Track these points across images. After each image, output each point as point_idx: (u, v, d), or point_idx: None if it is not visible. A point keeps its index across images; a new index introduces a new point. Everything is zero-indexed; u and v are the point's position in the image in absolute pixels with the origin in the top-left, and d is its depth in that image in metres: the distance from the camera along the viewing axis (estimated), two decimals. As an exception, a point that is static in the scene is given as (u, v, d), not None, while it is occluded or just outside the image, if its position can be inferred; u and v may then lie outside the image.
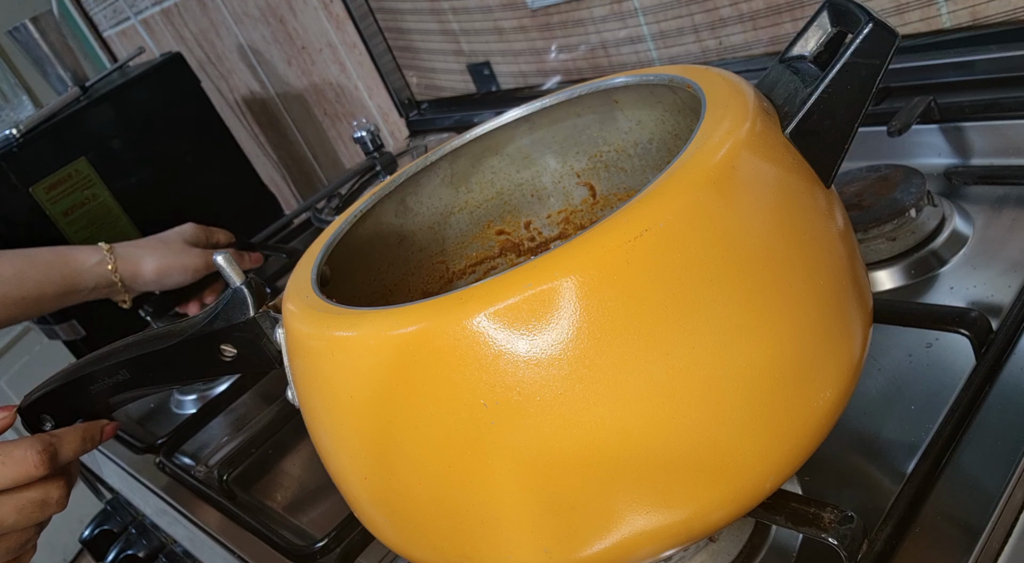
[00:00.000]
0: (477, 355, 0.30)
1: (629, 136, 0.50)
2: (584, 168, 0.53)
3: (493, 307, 0.30)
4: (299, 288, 0.40)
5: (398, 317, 0.32)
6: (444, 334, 0.31)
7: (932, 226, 0.55)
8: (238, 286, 0.42)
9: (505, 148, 0.52)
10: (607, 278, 0.29)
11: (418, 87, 1.14)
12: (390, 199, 0.50)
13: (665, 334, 0.30)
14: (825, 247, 0.34)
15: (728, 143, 0.32)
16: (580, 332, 0.29)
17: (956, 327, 0.43)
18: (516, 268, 0.30)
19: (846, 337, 0.34)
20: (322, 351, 0.35)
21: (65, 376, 0.49)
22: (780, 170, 0.34)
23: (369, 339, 0.32)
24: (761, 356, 0.31)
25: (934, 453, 0.38)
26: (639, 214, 0.30)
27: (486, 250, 0.55)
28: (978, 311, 0.43)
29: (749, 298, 0.31)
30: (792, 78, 0.37)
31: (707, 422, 0.30)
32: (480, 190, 0.54)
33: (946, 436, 0.39)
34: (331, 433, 0.36)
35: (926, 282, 0.52)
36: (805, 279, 0.33)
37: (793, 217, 0.33)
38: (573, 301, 0.29)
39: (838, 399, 0.34)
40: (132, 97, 1.18)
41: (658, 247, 0.30)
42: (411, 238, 0.52)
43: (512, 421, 0.30)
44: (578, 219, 0.55)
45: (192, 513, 0.60)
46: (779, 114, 0.36)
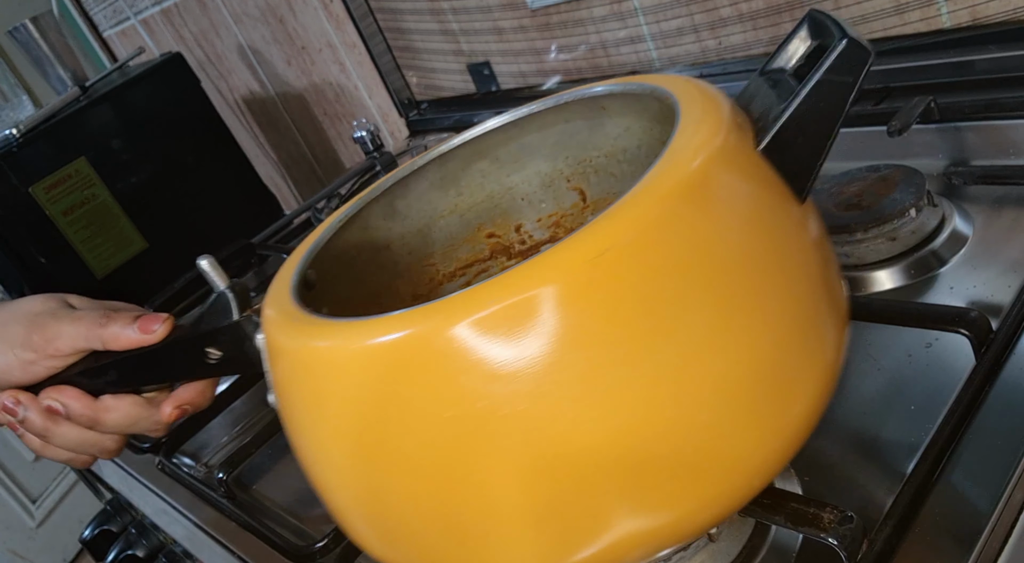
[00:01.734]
0: (442, 368, 0.30)
1: (618, 142, 0.50)
2: (574, 172, 0.53)
3: (461, 321, 0.30)
4: (278, 294, 0.40)
5: (371, 328, 0.32)
6: (411, 346, 0.30)
7: (932, 226, 0.55)
8: (222, 290, 0.42)
9: (495, 152, 0.52)
10: (572, 294, 0.29)
11: (418, 87, 1.14)
12: (378, 203, 0.50)
13: (633, 348, 0.30)
14: (797, 258, 0.34)
15: (698, 158, 0.32)
16: (546, 346, 0.29)
17: (956, 327, 0.43)
18: (488, 280, 0.30)
19: (821, 342, 0.34)
20: (298, 360, 0.35)
21: (56, 377, 0.49)
22: (752, 185, 0.33)
23: (344, 350, 0.32)
24: (736, 364, 0.31)
25: (934, 453, 0.38)
26: (606, 229, 0.30)
27: (476, 253, 0.55)
28: (978, 311, 0.43)
29: (719, 311, 0.31)
30: (770, 91, 0.37)
31: (686, 426, 0.30)
32: (470, 193, 0.54)
33: (946, 436, 0.39)
34: (310, 442, 0.36)
35: (926, 282, 0.52)
36: (777, 291, 0.32)
37: (765, 231, 0.33)
38: (543, 314, 0.29)
39: (817, 399, 0.34)
40: (132, 97, 1.19)
41: (625, 263, 0.30)
42: (399, 241, 0.52)
43: (480, 433, 0.30)
44: (568, 223, 0.55)
45: (192, 513, 0.60)
46: (754, 129, 0.36)
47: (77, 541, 1.98)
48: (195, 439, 0.71)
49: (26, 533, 1.99)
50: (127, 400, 0.48)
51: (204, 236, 1.22)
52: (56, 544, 2.03)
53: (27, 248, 1.08)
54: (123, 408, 0.48)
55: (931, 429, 0.41)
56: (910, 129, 0.59)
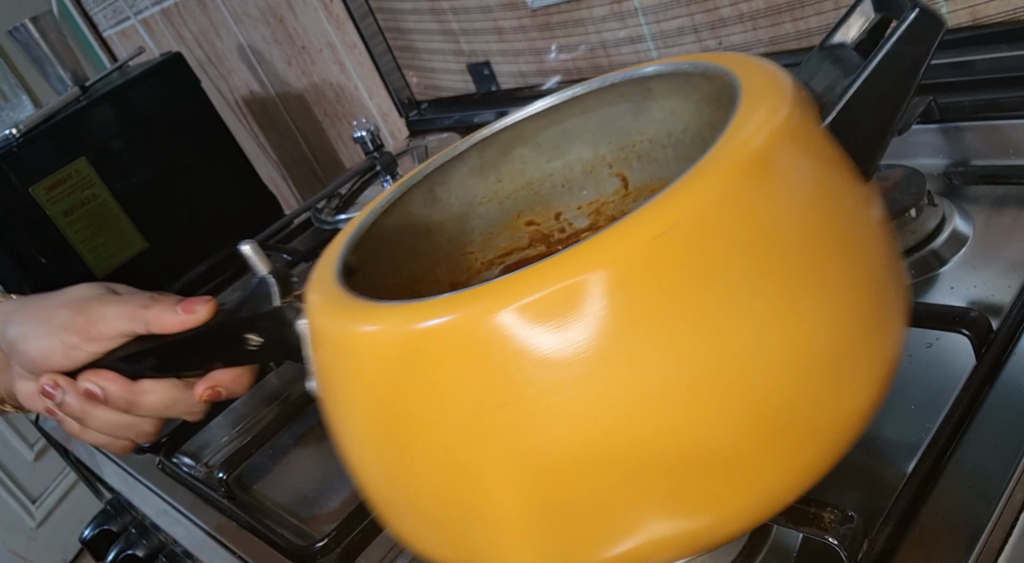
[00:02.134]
0: (489, 353, 0.30)
1: (663, 126, 0.49)
2: (616, 158, 0.52)
3: (511, 305, 0.29)
4: (322, 279, 0.40)
5: (418, 312, 0.31)
6: (462, 330, 0.30)
7: (932, 226, 0.55)
8: (264, 275, 0.43)
9: (535, 137, 0.52)
10: (631, 275, 0.29)
11: (418, 87, 1.14)
12: (418, 189, 0.49)
13: (690, 335, 0.29)
14: (863, 243, 0.33)
15: (763, 134, 0.32)
16: (596, 333, 0.29)
17: (956, 327, 0.43)
18: (537, 264, 0.30)
19: (882, 336, 0.33)
20: (344, 344, 0.35)
21: (96, 363, 0.49)
22: (817, 162, 0.33)
23: (390, 334, 0.32)
24: (793, 357, 0.30)
25: (934, 453, 0.38)
26: (666, 209, 0.29)
27: (515, 241, 0.55)
28: (978, 311, 0.43)
29: (781, 296, 0.30)
30: (832, 67, 0.36)
31: (732, 426, 0.30)
32: (510, 180, 0.53)
33: (946, 436, 0.39)
34: (349, 426, 0.36)
35: (926, 282, 0.52)
36: (841, 276, 0.32)
37: (830, 212, 0.32)
38: (594, 299, 0.29)
39: (873, 402, 0.33)
40: (132, 97, 1.19)
41: (685, 244, 0.29)
42: (439, 228, 0.52)
43: (522, 422, 0.30)
44: (609, 210, 0.54)
45: (192, 513, 0.60)
46: (818, 104, 0.35)
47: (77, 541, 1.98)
48: (195, 439, 0.71)
49: (26, 533, 1.98)
50: (164, 383, 0.48)
51: (204, 236, 1.22)
52: (56, 544, 2.03)
53: (27, 248, 1.08)
54: (160, 391, 0.48)
55: (931, 429, 0.41)
56: (910, 129, 0.59)
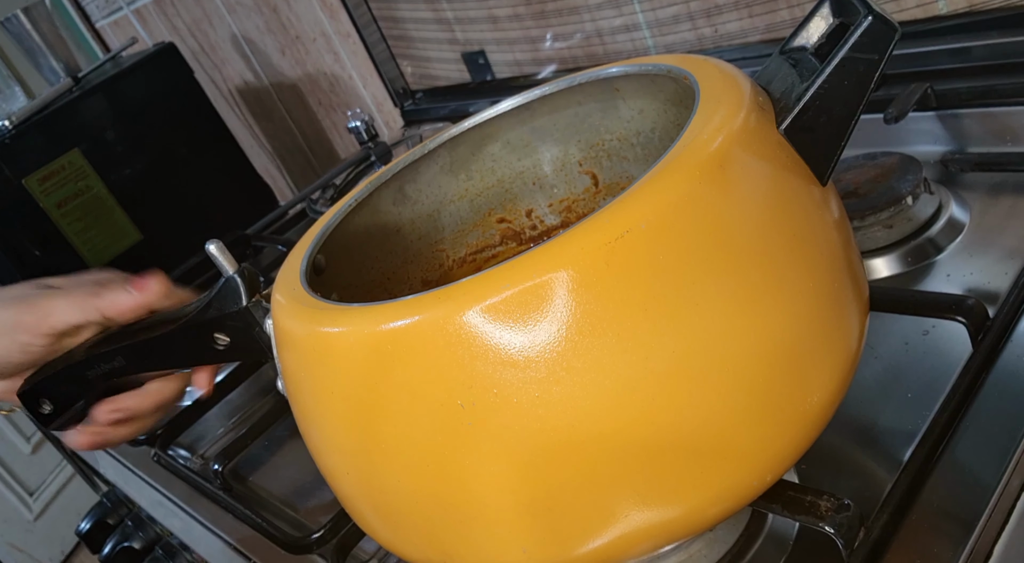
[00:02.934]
0: (453, 354, 0.30)
1: (631, 125, 0.50)
2: (586, 156, 0.53)
3: (477, 305, 0.29)
4: (288, 280, 0.40)
5: (383, 313, 0.32)
6: (422, 332, 0.30)
7: (929, 213, 0.54)
8: (231, 275, 0.43)
9: (505, 136, 0.52)
10: (589, 278, 0.29)
11: (413, 76, 1.14)
12: (387, 187, 0.50)
13: (653, 332, 0.29)
14: (819, 243, 0.34)
15: (718, 138, 0.32)
16: (560, 332, 0.29)
17: (952, 314, 0.43)
18: (501, 264, 0.30)
19: (843, 329, 0.34)
20: (308, 346, 0.35)
21: (62, 361, 0.49)
22: (773, 167, 0.33)
23: (355, 335, 0.32)
24: (755, 350, 0.31)
25: (930, 441, 0.38)
26: (626, 211, 0.30)
27: (487, 238, 0.55)
28: (975, 298, 0.42)
29: (739, 293, 0.31)
30: (790, 71, 0.36)
31: (702, 414, 0.30)
32: (480, 178, 0.54)
33: (942, 424, 0.39)
34: (318, 428, 0.36)
35: (923, 270, 0.52)
36: (798, 274, 0.32)
37: (786, 214, 0.33)
38: (558, 299, 0.29)
39: (836, 389, 0.33)
40: (125, 88, 1.18)
41: (640, 247, 0.29)
42: (409, 226, 0.52)
43: (489, 421, 0.30)
44: (580, 207, 0.54)
45: (188, 505, 0.60)
46: (775, 108, 0.35)
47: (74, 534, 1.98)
48: (191, 431, 0.71)
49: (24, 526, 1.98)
50: (167, 380, 0.51)
51: (199, 227, 1.21)
52: (54, 536, 2.03)
53: (21, 241, 1.07)
54: (166, 387, 0.51)
55: (928, 416, 0.41)
56: (907, 116, 0.59)
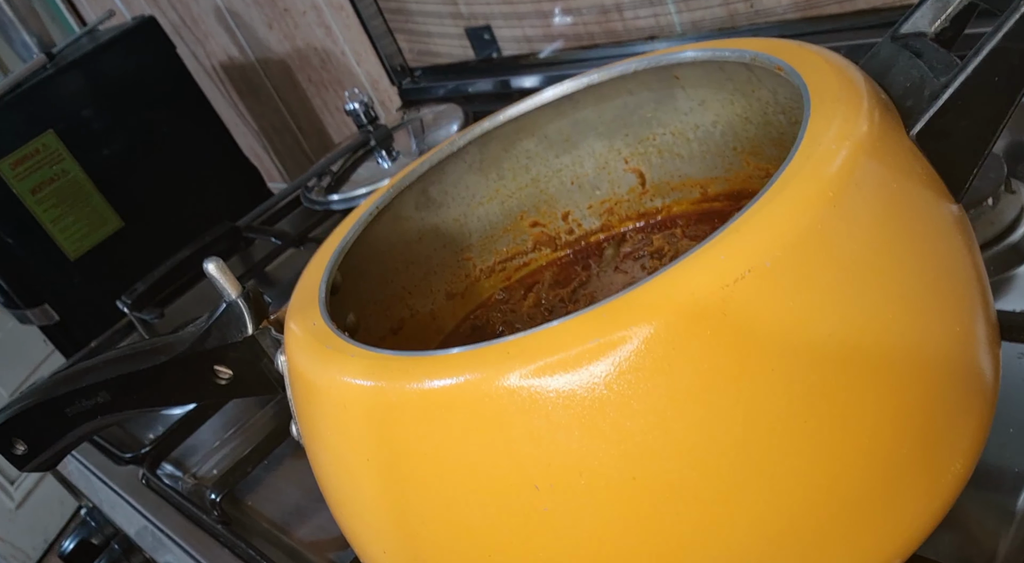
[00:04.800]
0: (527, 423, 0.24)
1: (689, 117, 0.44)
2: (633, 152, 0.47)
3: (547, 360, 0.24)
4: (304, 307, 0.34)
5: (425, 367, 0.26)
6: (483, 394, 0.25)
7: (1012, 217, 0.49)
8: (233, 299, 0.36)
9: (543, 130, 0.46)
10: (698, 332, 0.23)
11: (411, 53, 1.07)
12: (410, 191, 0.44)
13: (775, 398, 0.24)
14: (958, 274, 0.28)
15: (844, 149, 0.26)
16: (666, 396, 0.24)
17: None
18: (583, 312, 0.24)
19: (979, 390, 0.28)
20: (332, 399, 0.29)
21: (38, 396, 0.42)
22: (907, 183, 0.27)
23: (389, 393, 0.26)
24: (887, 426, 0.25)
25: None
26: (741, 246, 0.24)
27: (518, 244, 0.49)
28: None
29: (876, 346, 0.25)
30: (912, 62, 0.30)
31: (833, 503, 0.25)
32: (513, 177, 0.48)
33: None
34: (344, 494, 0.31)
35: (1006, 282, 0.47)
36: (941, 314, 0.27)
37: (924, 242, 0.27)
38: (653, 359, 0.23)
39: (967, 470, 0.28)
40: (102, 64, 1.11)
41: (766, 291, 0.24)
42: (434, 232, 0.46)
43: (572, 511, 0.25)
44: (623, 210, 0.49)
45: (182, 538, 0.54)
46: (899, 110, 0.29)
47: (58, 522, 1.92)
48: (184, 444, 0.65)
49: (5, 515, 1.92)
50: None
51: (184, 213, 1.15)
52: (37, 525, 1.97)
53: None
54: None
55: None
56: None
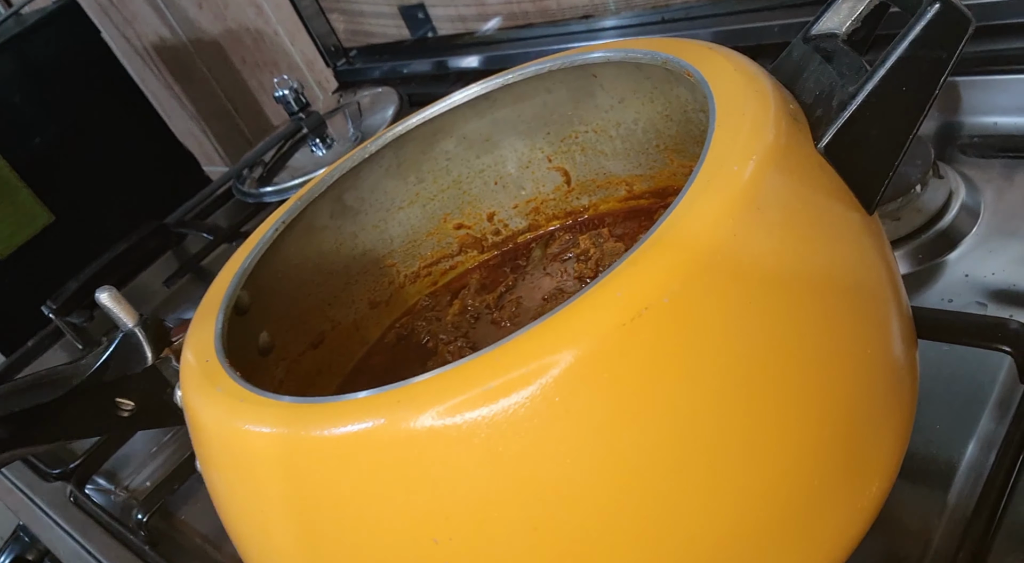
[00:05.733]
0: (424, 472, 0.23)
1: (610, 115, 0.42)
2: (556, 151, 0.45)
3: (444, 405, 0.23)
4: (202, 339, 0.32)
5: (324, 414, 0.24)
6: (382, 442, 0.24)
7: (940, 202, 0.48)
8: (130, 329, 0.35)
9: (461, 130, 0.45)
10: (595, 376, 0.22)
11: (345, 32, 1.03)
12: (323, 199, 0.42)
13: (676, 447, 0.23)
14: (870, 292, 0.27)
15: (747, 170, 0.25)
16: (558, 448, 0.23)
17: (995, 343, 0.36)
18: (477, 355, 0.23)
19: (897, 397, 0.28)
20: (225, 445, 0.27)
21: None
22: (815, 198, 0.27)
23: (284, 441, 0.25)
24: (806, 441, 0.25)
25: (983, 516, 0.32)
26: (638, 282, 0.23)
27: (443, 248, 0.48)
28: (1019, 322, 0.36)
29: (786, 371, 0.24)
30: (822, 68, 0.29)
31: (742, 538, 0.24)
32: (433, 179, 0.46)
33: (997, 488, 0.33)
34: (245, 539, 0.29)
35: (936, 269, 0.46)
36: (852, 336, 0.26)
37: (834, 259, 0.26)
38: (549, 406, 0.22)
39: (892, 474, 0.27)
40: (27, 49, 1.06)
41: (664, 328, 0.23)
42: (352, 240, 0.45)
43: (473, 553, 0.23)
44: (549, 209, 0.47)
45: (109, 560, 0.52)
46: (809, 119, 0.28)
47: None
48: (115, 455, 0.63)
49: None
50: None
51: (119, 204, 1.11)
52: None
53: (-88, 231, 0.97)
54: None
55: (963, 456, 0.36)
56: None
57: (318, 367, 0.43)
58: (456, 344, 0.41)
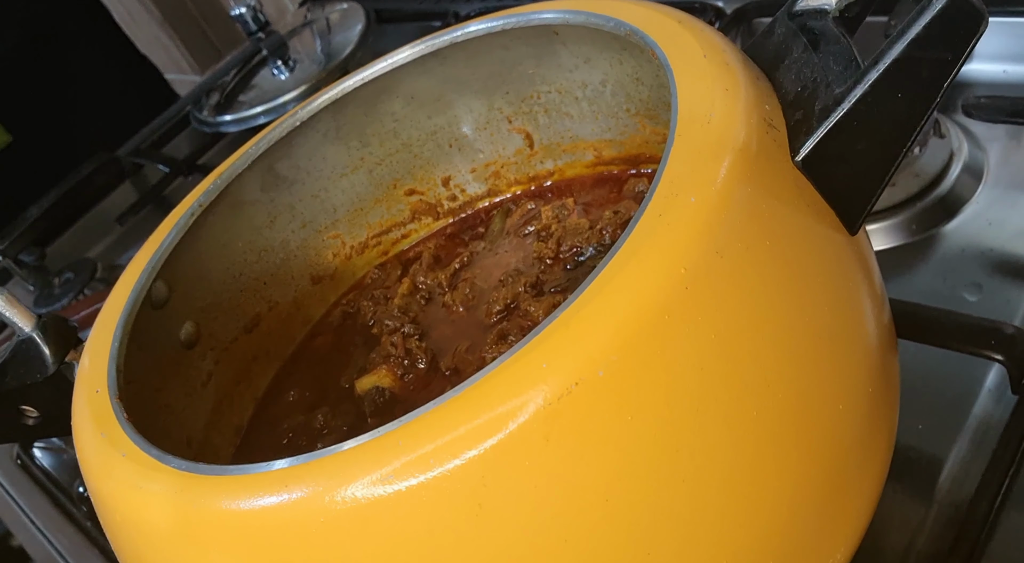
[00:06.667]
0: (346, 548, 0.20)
1: (575, 75, 0.38)
2: (517, 111, 0.41)
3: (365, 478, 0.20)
4: (95, 364, 0.28)
5: (218, 487, 0.21)
6: (293, 519, 0.20)
7: (939, 165, 0.44)
8: (27, 335, 0.32)
9: (408, 89, 0.40)
10: (515, 463, 0.19)
11: (312, -63, 0.96)
12: (251, 172, 0.38)
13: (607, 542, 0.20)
14: (848, 334, 0.24)
15: (709, 197, 0.21)
16: (476, 540, 0.20)
17: (986, 350, 0.33)
18: (390, 427, 0.20)
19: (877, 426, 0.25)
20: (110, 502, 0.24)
21: None
22: (788, 223, 0.23)
23: (173, 508, 0.22)
24: (758, 531, 0.21)
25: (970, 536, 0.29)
26: (568, 351, 0.19)
27: (394, 215, 0.44)
28: (1015, 327, 0.33)
29: (740, 449, 0.21)
30: (807, 57, 0.25)
31: None
32: (379, 143, 0.42)
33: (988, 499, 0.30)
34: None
35: (932, 241, 0.42)
36: (824, 393, 0.23)
37: (806, 300, 0.22)
38: (463, 496, 0.19)
39: (859, 537, 0.25)
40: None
41: (598, 407, 0.19)
42: (289, 213, 0.41)
43: None
44: (510, 173, 0.43)
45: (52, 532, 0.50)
46: (787, 121, 0.24)
47: None
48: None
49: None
50: None
51: (80, 123, 1.06)
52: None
53: None
54: None
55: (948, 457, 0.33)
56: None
57: (253, 353, 0.39)
58: (401, 332, 0.38)
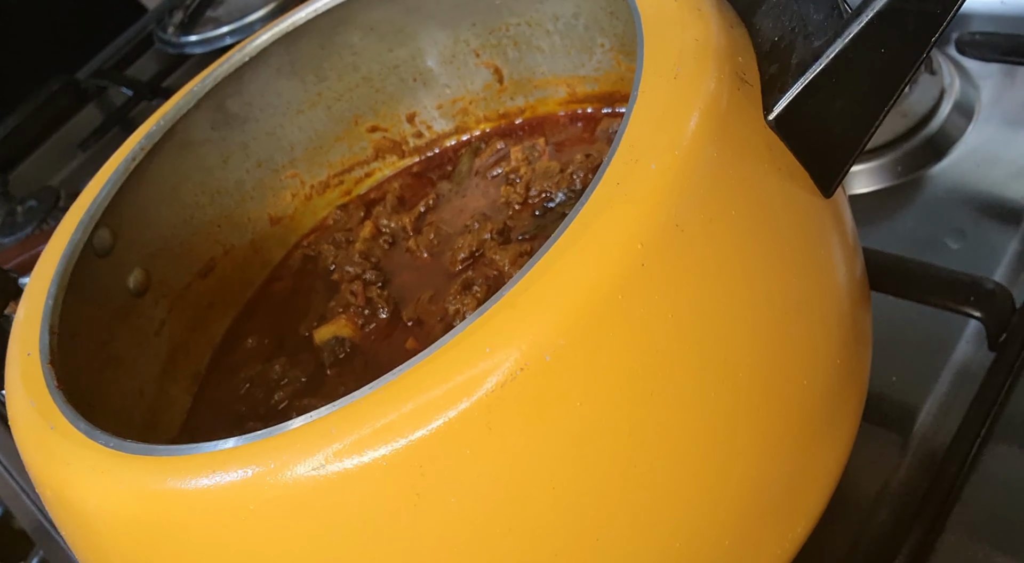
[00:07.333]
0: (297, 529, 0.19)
1: (546, 7, 0.36)
2: (484, 44, 0.39)
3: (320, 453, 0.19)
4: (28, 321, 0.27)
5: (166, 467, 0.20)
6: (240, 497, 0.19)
7: (929, 104, 0.42)
8: None
9: (367, 20, 0.38)
10: (454, 453, 0.18)
11: None
12: (199, 110, 0.36)
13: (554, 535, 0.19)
14: (819, 305, 0.22)
15: (671, 163, 0.20)
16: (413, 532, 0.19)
17: (964, 306, 0.31)
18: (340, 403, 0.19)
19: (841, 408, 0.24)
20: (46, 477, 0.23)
21: None
22: (758, 188, 0.21)
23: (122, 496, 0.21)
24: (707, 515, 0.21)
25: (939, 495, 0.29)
26: (513, 333, 0.18)
27: (356, 153, 0.42)
28: (995, 282, 0.31)
29: (698, 437, 0.20)
30: (788, 2, 0.23)
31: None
32: (338, 77, 0.40)
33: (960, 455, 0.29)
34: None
35: (917, 183, 0.41)
36: (791, 369, 0.21)
37: (774, 272, 0.21)
38: (400, 487, 0.18)
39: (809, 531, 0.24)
40: None
41: (544, 393, 0.18)
42: (242, 152, 0.39)
43: None
44: (479, 109, 0.41)
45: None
46: (762, 74, 0.22)
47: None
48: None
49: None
50: None
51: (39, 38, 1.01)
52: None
53: None
54: None
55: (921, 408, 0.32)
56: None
57: (209, 300, 0.38)
58: (362, 280, 0.36)
